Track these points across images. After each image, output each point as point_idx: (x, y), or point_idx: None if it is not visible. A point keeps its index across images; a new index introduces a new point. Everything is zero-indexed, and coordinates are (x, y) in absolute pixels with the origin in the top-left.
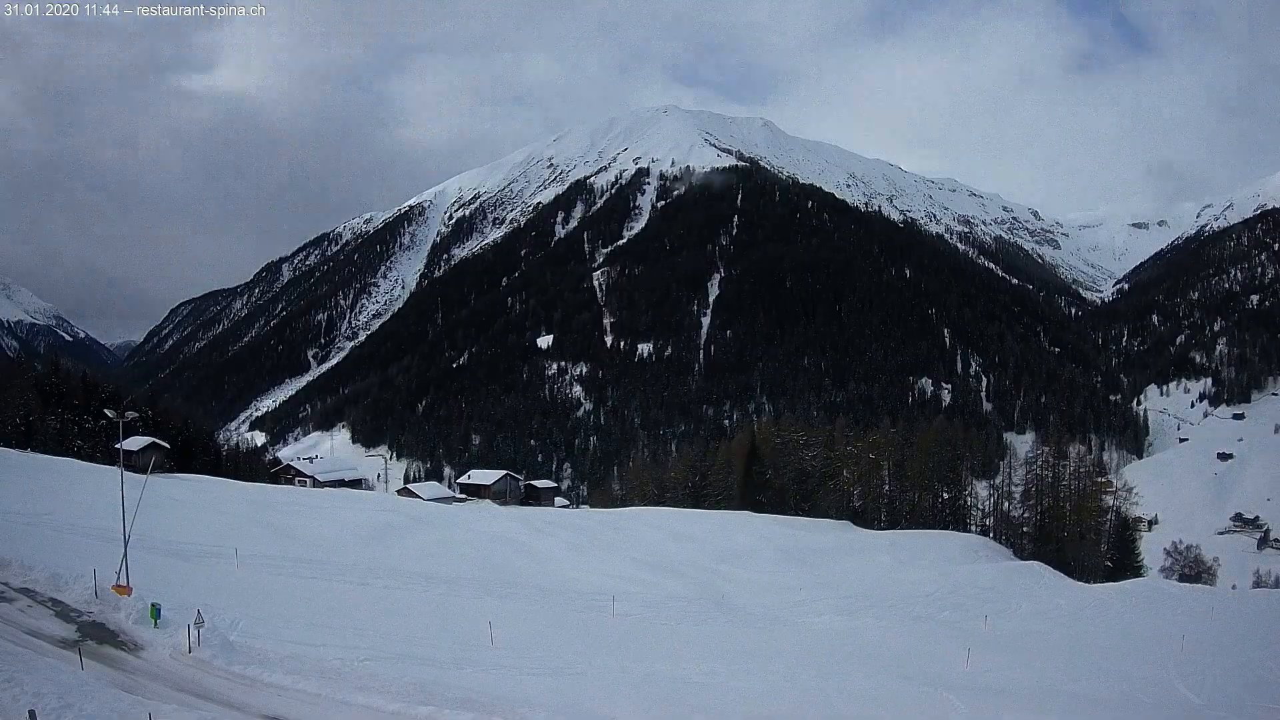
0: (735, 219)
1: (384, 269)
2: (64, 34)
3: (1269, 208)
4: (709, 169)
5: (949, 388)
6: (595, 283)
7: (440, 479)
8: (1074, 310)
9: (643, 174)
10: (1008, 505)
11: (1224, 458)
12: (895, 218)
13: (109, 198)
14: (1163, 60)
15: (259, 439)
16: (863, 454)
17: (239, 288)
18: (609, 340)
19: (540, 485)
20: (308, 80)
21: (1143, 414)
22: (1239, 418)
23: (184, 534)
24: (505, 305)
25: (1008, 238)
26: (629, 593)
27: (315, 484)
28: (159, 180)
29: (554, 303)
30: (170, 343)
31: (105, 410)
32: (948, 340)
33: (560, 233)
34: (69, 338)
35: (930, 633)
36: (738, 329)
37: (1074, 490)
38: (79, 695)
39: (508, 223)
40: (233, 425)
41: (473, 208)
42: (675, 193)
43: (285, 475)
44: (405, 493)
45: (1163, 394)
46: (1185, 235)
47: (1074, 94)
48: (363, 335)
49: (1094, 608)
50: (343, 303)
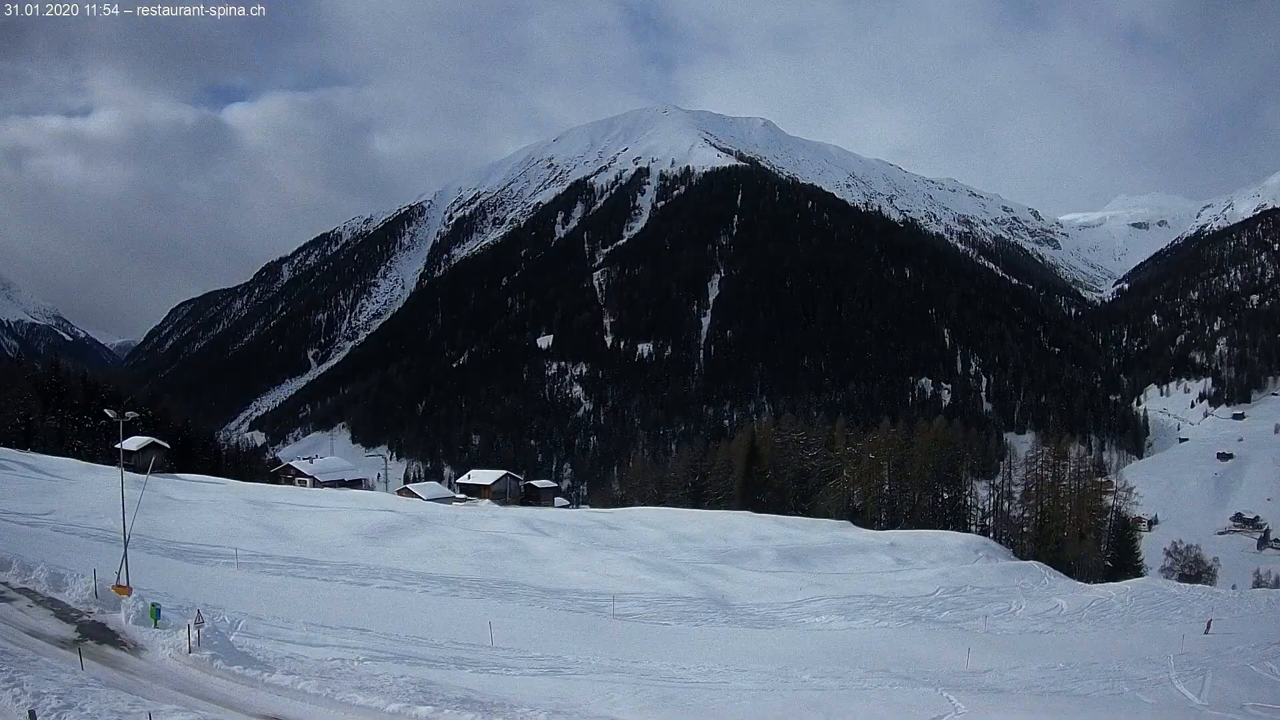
0: (735, 219)
1: (384, 269)
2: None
3: (1269, 208)
4: (709, 169)
5: (949, 388)
6: (595, 283)
7: (440, 479)
8: (1074, 310)
9: (643, 174)
10: (1008, 505)
11: (1224, 458)
12: (895, 218)
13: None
14: (1162, 60)
15: (259, 439)
16: (863, 454)
17: (239, 288)
18: (609, 340)
19: (540, 485)
20: None
21: (1143, 414)
22: (1239, 418)
23: (184, 534)
24: (505, 305)
25: (1008, 238)
26: (629, 593)
27: (315, 484)
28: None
29: (554, 303)
30: (170, 343)
31: (105, 410)
32: (948, 340)
33: (560, 233)
34: (69, 338)
35: (930, 633)
36: (738, 329)
37: (1074, 490)
38: (79, 695)
39: (508, 223)
40: (233, 425)
41: (473, 208)
42: (675, 193)
43: (285, 475)
44: (405, 493)
45: (1163, 394)
46: (1185, 235)
47: (1075, 94)
48: (363, 335)
49: (1094, 608)
50: (343, 303)
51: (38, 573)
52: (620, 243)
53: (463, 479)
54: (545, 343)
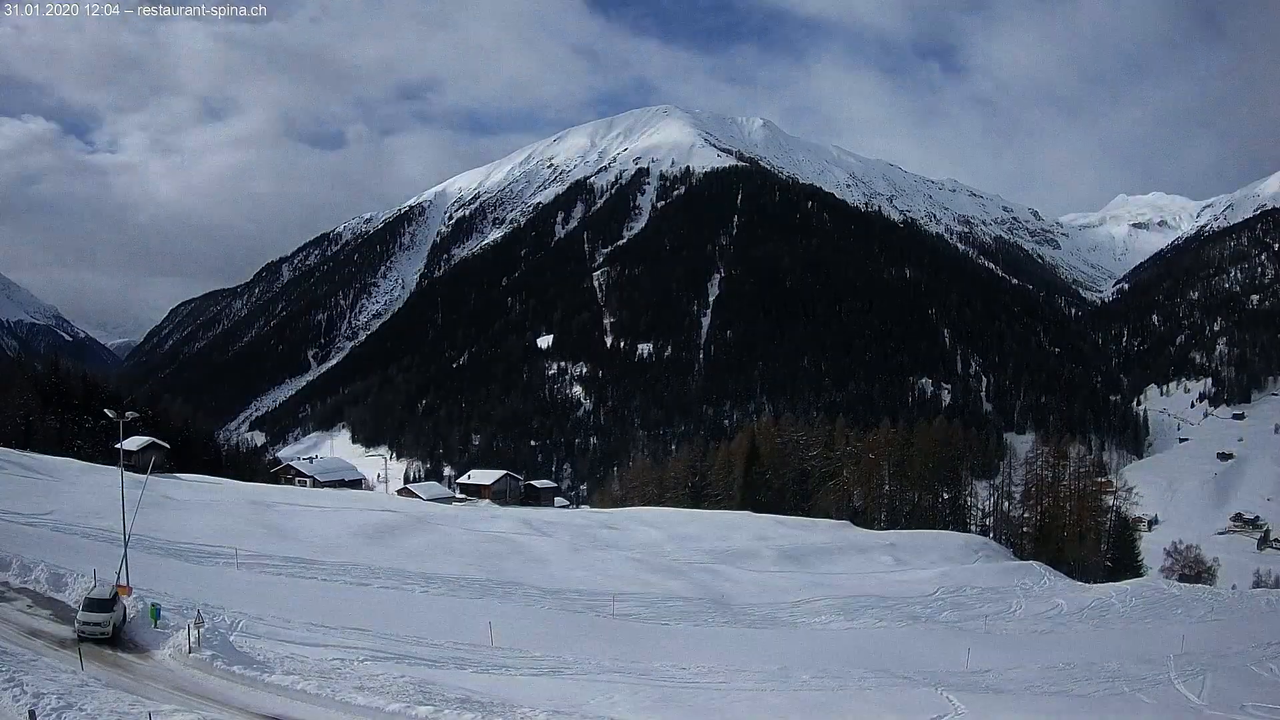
0: (735, 219)
1: (384, 269)
2: None
3: (1269, 208)
4: (709, 169)
5: (949, 388)
6: (595, 283)
7: (440, 479)
8: (1074, 310)
9: (643, 174)
10: (1008, 505)
11: (1224, 458)
12: (895, 218)
13: None
14: (1162, 59)
15: (259, 439)
16: (863, 454)
17: (239, 288)
18: (609, 340)
19: (540, 485)
20: None
21: (1143, 414)
22: (1239, 418)
23: (184, 534)
24: (505, 305)
25: (1008, 238)
26: (629, 593)
27: (315, 484)
28: None
29: (554, 303)
30: (170, 343)
31: (105, 410)
32: (948, 340)
33: (560, 233)
34: (69, 338)
35: (930, 633)
36: (738, 329)
37: (1074, 490)
38: (79, 695)
39: (508, 223)
40: (233, 425)
41: (473, 208)
42: (675, 193)
43: (285, 475)
44: (405, 493)
45: (1163, 394)
46: (1185, 235)
47: (1074, 94)
48: (363, 335)
49: (1094, 608)
50: (343, 303)
51: (38, 573)
52: (620, 243)
53: (463, 479)
54: (545, 343)
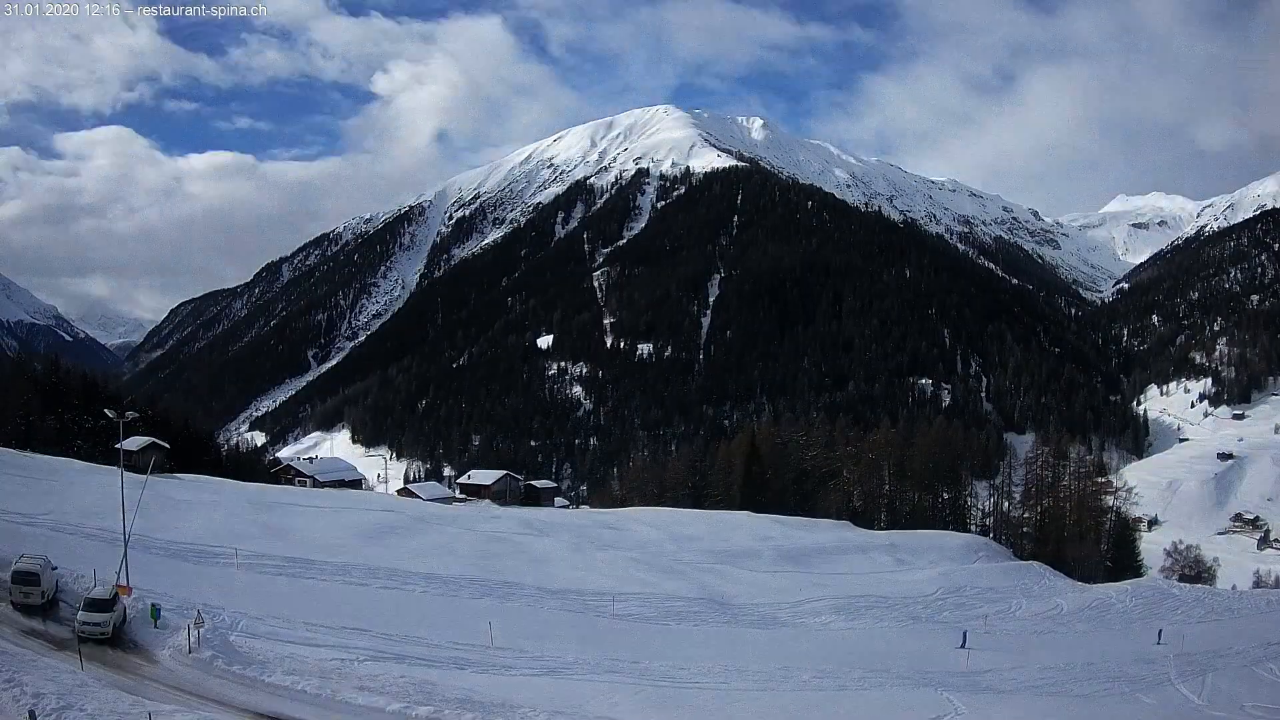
0: (735, 219)
1: (384, 269)
2: None
3: (1269, 208)
4: (709, 169)
5: (949, 388)
6: (595, 283)
7: (440, 479)
8: (1074, 310)
9: (643, 174)
10: (1008, 505)
11: (1224, 458)
12: (895, 218)
13: None
14: (1162, 59)
15: (259, 439)
16: (863, 454)
17: (239, 288)
18: (609, 340)
19: (540, 485)
20: None
21: (1143, 414)
22: (1239, 418)
23: (184, 534)
24: (505, 305)
25: (1008, 238)
26: (628, 593)
27: (315, 484)
28: None
29: (554, 303)
30: (170, 343)
31: (105, 410)
32: (948, 340)
33: (560, 233)
34: (69, 338)
35: (930, 633)
36: (738, 329)
37: (1074, 490)
38: (79, 695)
39: (508, 223)
40: (233, 425)
41: (473, 208)
42: (675, 193)
43: (285, 475)
44: (405, 493)
45: (1163, 394)
46: (1185, 235)
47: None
48: (363, 335)
49: (1094, 608)
50: (343, 303)
51: None
52: (620, 243)
53: (463, 479)
54: (545, 343)
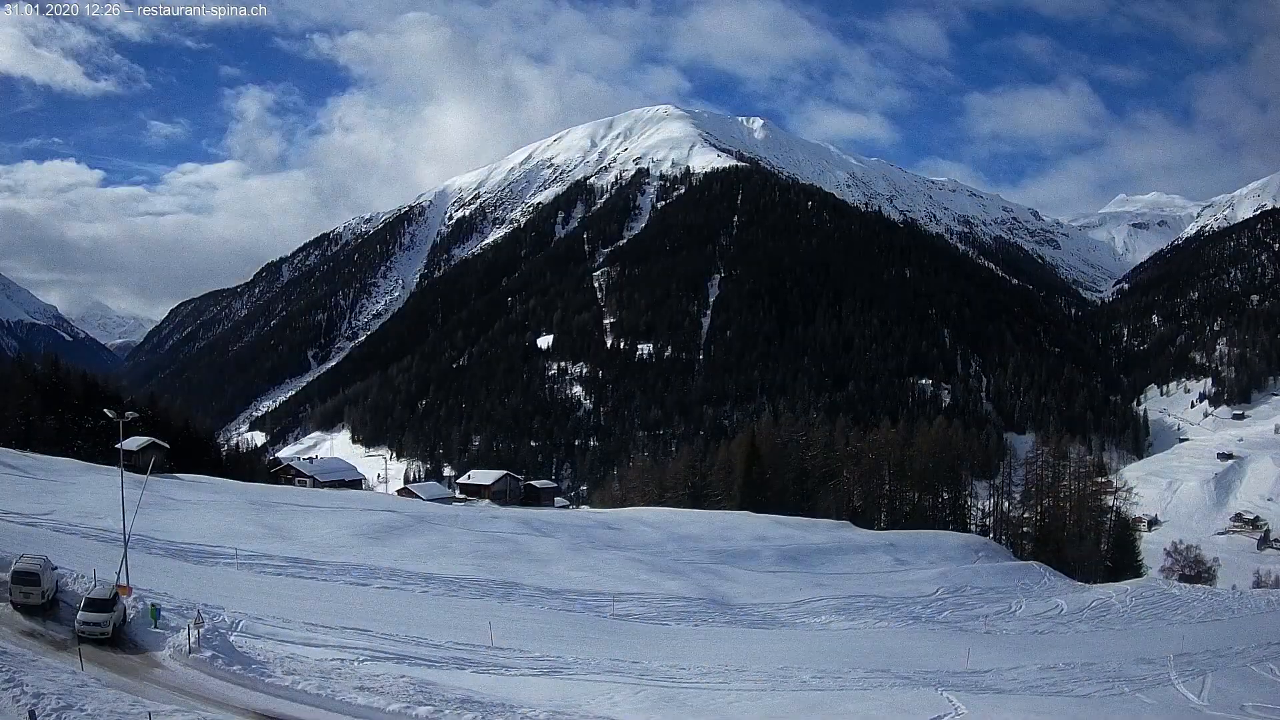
0: (735, 219)
1: (384, 269)
2: None
3: (1269, 208)
4: (709, 169)
5: (949, 388)
6: (595, 283)
7: (440, 479)
8: (1074, 310)
9: (643, 174)
10: (1008, 505)
11: (1224, 458)
12: (895, 218)
13: None
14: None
15: (259, 439)
16: (863, 454)
17: (239, 288)
18: (609, 340)
19: (540, 485)
20: None
21: (1143, 414)
22: (1239, 418)
23: (184, 534)
24: (505, 305)
25: (1008, 238)
26: (628, 593)
27: (315, 484)
28: None
29: (554, 303)
30: (170, 343)
31: (105, 410)
32: (948, 340)
33: (560, 233)
34: (69, 338)
35: (930, 633)
36: (738, 329)
37: (1074, 490)
38: (79, 695)
39: (508, 223)
40: (233, 425)
41: (473, 208)
42: (675, 193)
43: (285, 475)
44: (405, 493)
45: (1163, 394)
46: (1185, 235)
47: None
48: (363, 335)
49: (1094, 608)
50: (343, 303)
51: None
52: (620, 243)
53: (463, 479)
54: (545, 343)
